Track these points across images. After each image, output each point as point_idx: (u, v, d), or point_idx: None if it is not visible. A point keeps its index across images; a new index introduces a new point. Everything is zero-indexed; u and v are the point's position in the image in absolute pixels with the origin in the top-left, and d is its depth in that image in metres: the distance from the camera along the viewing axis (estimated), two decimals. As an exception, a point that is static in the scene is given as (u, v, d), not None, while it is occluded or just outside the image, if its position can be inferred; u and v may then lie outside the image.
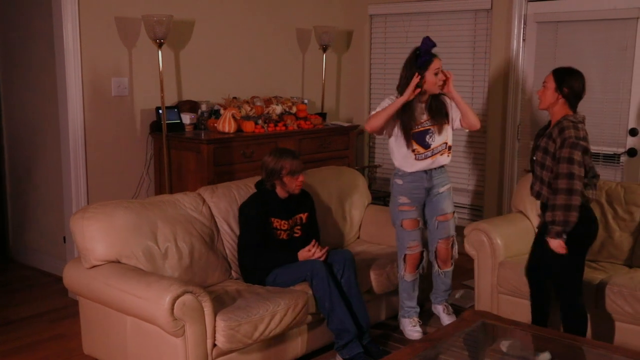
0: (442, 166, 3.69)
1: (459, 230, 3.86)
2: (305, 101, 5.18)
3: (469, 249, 3.85)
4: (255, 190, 3.62)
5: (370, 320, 3.54)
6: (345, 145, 5.18)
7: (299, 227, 3.59)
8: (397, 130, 3.61)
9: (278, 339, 3.23)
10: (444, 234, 3.71)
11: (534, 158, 3.21)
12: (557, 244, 3.02)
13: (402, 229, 3.68)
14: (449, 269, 3.82)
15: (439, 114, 3.61)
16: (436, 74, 3.50)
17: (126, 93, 4.43)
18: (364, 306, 3.45)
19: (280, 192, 3.53)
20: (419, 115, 3.59)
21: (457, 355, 2.91)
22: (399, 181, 3.67)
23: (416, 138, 3.59)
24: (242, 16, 5.05)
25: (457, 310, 4.06)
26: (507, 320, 3.19)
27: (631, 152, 4.47)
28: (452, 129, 3.69)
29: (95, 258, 3.14)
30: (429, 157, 3.61)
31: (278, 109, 4.80)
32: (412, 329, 3.76)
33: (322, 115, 5.23)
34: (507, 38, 4.92)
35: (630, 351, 2.80)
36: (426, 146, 3.60)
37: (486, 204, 5.15)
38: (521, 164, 4.99)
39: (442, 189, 3.69)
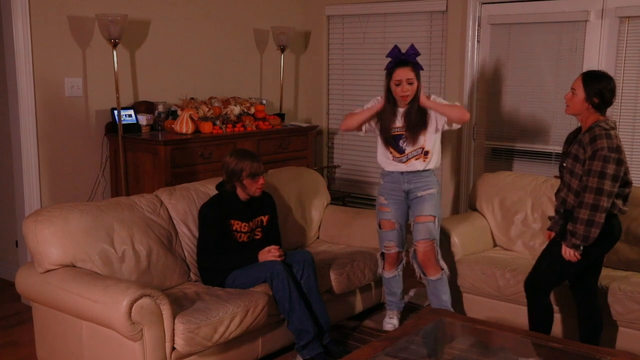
0: (426, 170, 3.61)
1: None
2: (264, 102, 5.17)
3: (426, 247, 3.90)
4: (216, 192, 3.59)
5: (330, 320, 3.55)
6: (304, 145, 5.19)
7: (259, 230, 3.58)
8: (376, 129, 3.65)
9: (238, 341, 3.21)
10: (421, 236, 3.59)
11: (564, 165, 3.12)
12: (570, 254, 3.01)
13: (379, 228, 3.74)
14: (435, 277, 3.61)
15: (413, 123, 3.55)
16: (397, 85, 3.49)
17: (80, 94, 4.34)
18: (324, 306, 3.46)
19: (241, 194, 3.51)
20: (396, 120, 3.58)
21: (416, 353, 2.95)
22: (381, 181, 3.73)
23: (391, 142, 3.62)
24: (199, 16, 5.01)
25: (414, 308, 4.11)
26: (464, 317, 3.25)
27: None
28: (441, 131, 3.61)
29: (49, 262, 3.07)
30: (404, 161, 3.61)
31: (236, 109, 4.78)
32: (387, 320, 3.86)
33: (281, 115, 5.23)
34: (462, 39, 5.01)
35: (592, 348, 2.85)
36: (400, 151, 3.61)
37: (443, 203, 5.23)
38: (477, 163, 5.08)
39: (421, 193, 3.61)
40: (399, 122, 3.59)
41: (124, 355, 2.88)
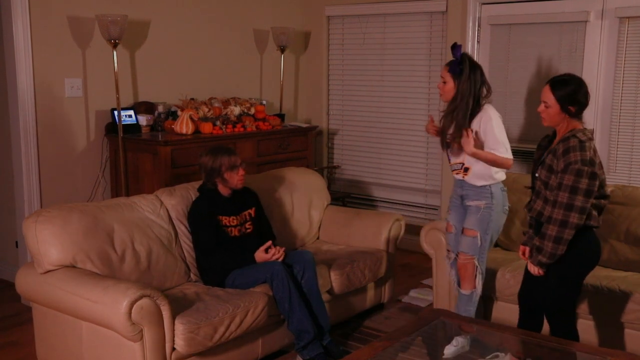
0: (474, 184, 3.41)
1: (416, 229, 3.83)
2: (264, 102, 5.17)
3: (426, 248, 3.90)
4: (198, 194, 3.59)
5: (330, 320, 3.55)
6: (304, 146, 5.19)
7: (249, 223, 3.59)
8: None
9: (238, 341, 3.21)
10: (460, 248, 3.44)
11: (537, 175, 2.93)
12: (535, 270, 2.87)
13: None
14: (465, 291, 3.43)
15: (455, 135, 3.36)
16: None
17: (80, 94, 4.34)
18: (324, 307, 3.46)
19: (223, 189, 3.53)
20: (451, 125, 3.40)
21: (416, 353, 2.95)
22: None
23: (445, 148, 3.50)
24: (199, 16, 5.01)
25: (414, 308, 4.11)
26: (465, 317, 3.24)
27: (582, 152, 4.58)
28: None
29: (49, 263, 3.07)
30: (452, 170, 3.52)
31: (236, 110, 4.78)
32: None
33: (281, 116, 5.23)
34: (462, 40, 5.00)
35: (592, 348, 2.85)
36: (449, 160, 3.52)
37: (443, 203, 5.23)
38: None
39: (470, 202, 3.42)
40: (451, 127, 3.41)
41: (124, 355, 2.88)
